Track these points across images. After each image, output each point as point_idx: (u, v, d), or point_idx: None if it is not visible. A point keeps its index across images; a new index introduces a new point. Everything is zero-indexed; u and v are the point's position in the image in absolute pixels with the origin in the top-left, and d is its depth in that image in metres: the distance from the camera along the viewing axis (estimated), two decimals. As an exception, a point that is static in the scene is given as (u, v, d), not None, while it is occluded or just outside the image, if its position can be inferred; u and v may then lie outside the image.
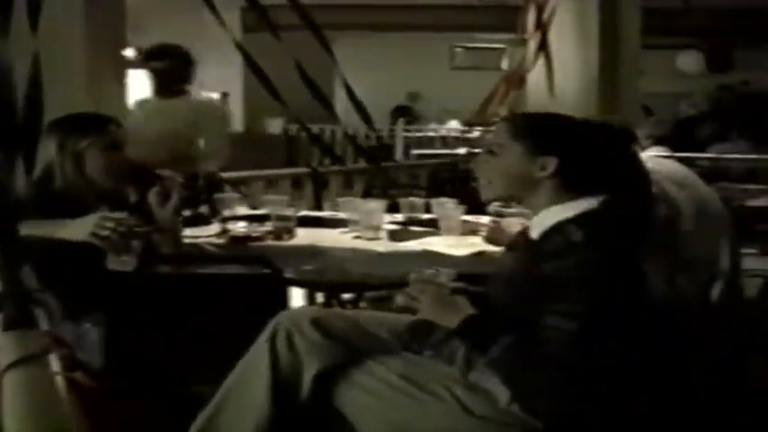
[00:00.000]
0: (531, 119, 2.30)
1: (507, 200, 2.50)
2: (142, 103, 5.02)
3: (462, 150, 11.25)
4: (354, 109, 6.05)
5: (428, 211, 3.74)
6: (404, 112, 16.02)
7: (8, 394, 1.41)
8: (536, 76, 8.44)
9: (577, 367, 2.04)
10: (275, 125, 14.04)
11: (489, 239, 3.27)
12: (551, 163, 2.20)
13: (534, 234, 2.26)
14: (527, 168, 2.22)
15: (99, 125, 3.15)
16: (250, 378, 2.39)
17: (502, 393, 2.18)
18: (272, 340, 2.39)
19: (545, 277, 2.10)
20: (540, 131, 2.24)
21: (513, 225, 3.27)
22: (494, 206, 3.56)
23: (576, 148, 2.22)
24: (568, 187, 2.21)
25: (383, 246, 3.31)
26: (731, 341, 2.59)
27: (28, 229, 2.84)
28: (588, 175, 2.22)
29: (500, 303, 2.29)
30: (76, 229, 2.82)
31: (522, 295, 2.19)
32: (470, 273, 2.55)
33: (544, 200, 2.23)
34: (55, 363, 1.55)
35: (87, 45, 5.18)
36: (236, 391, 2.40)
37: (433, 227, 3.51)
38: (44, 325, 1.87)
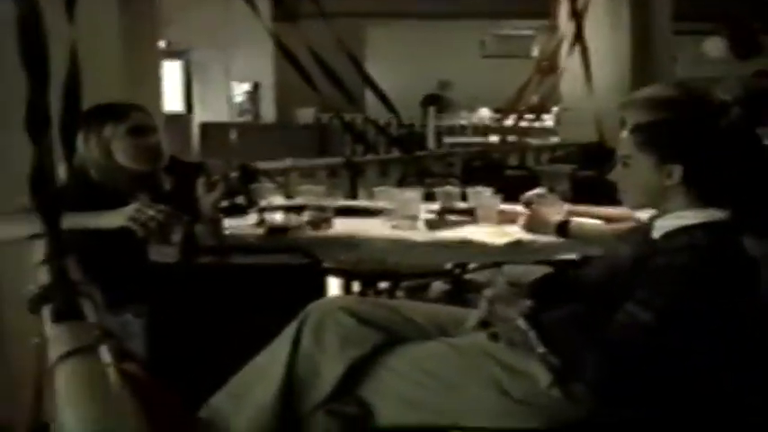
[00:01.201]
0: (655, 128, 2.30)
1: (643, 207, 2.51)
2: None
3: (495, 138, 11.23)
4: (377, 97, 6.03)
5: (463, 199, 3.73)
6: (434, 101, 15.98)
7: (62, 386, 1.42)
8: (569, 64, 8.40)
9: (637, 357, 2.07)
10: (306, 115, 14.05)
11: (529, 227, 3.26)
12: (677, 171, 2.20)
13: (656, 234, 2.28)
14: (655, 178, 2.23)
15: (122, 111, 3.16)
16: (266, 367, 2.40)
17: (543, 376, 2.19)
18: (298, 331, 2.41)
19: (653, 268, 2.13)
20: (664, 141, 2.24)
21: (553, 213, 3.26)
22: (526, 195, 3.54)
23: (701, 155, 2.22)
24: (697, 195, 2.22)
25: (421, 235, 3.31)
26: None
27: (67, 221, 2.88)
28: (716, 182, 2.22)
29: (595, 286, 2.35)
30: (114, 218, 2.82)
31: (621, 283, 2.20)
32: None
33: (673, 206, 2.24)
34: (105, 353, 1.57)
35: (122, 37, 5.20)
36: (250, 377, 2.42)
37: (468, 216, 3.50)
38: (91, 316, 1.89)
